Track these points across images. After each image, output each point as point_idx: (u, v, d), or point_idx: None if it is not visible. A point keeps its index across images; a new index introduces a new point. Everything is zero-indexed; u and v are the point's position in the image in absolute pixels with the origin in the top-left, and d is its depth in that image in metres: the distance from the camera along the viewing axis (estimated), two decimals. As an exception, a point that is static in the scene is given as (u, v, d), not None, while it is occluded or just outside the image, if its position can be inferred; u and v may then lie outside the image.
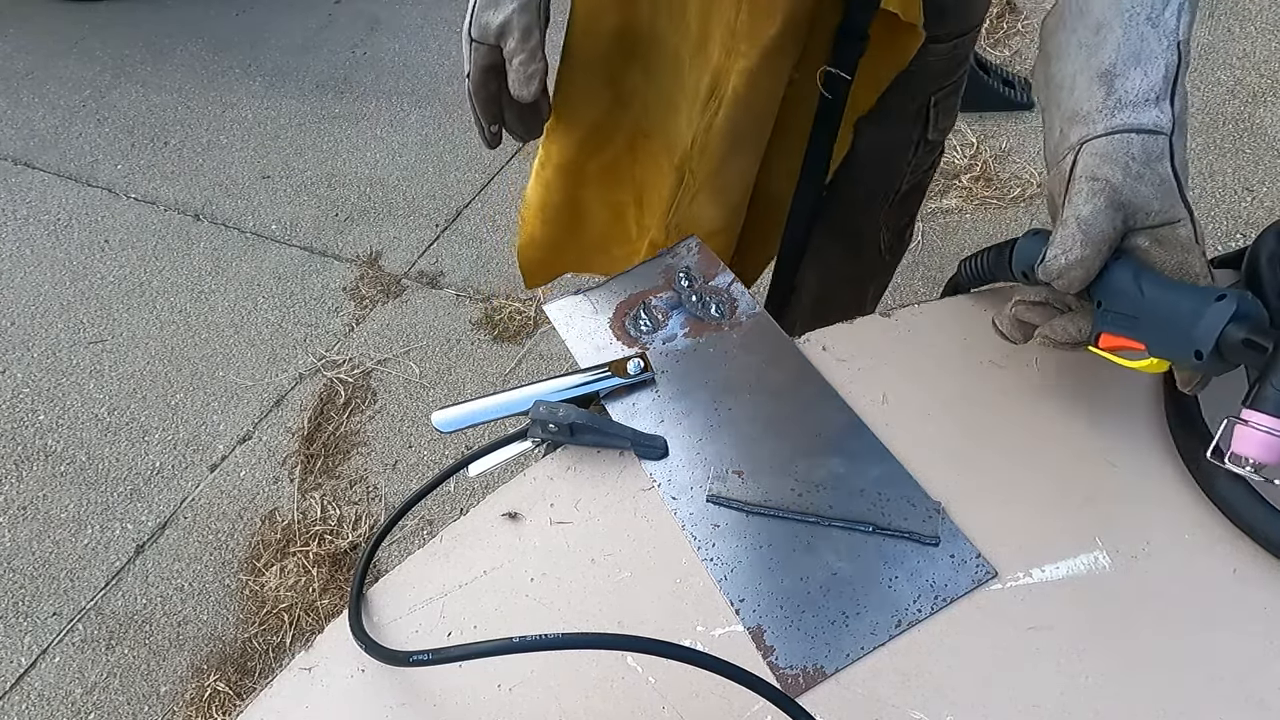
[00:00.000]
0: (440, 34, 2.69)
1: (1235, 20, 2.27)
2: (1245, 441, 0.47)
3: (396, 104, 2.49)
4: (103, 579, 1.65)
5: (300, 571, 1.61)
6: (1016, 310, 0.58)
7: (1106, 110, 0.49)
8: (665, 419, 0.64)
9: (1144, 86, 0.48)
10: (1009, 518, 0.57)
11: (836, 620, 0.53)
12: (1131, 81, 0.48)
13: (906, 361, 0.65)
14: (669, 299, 0.73)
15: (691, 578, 0.56)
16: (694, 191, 0.87)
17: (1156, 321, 0.50)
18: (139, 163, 2.44)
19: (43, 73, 2.76)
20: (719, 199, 0.88)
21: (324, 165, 2.37)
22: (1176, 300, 0.49)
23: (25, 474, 1.80)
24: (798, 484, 0.59)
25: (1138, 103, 0.48)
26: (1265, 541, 0.53)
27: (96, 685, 1.53)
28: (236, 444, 1.81)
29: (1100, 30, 0.50)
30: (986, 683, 0.50)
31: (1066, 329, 0.55)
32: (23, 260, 2.22)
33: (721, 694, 0.50)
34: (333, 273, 2.11)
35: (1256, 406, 0.47)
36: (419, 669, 0.53)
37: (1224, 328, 0.47)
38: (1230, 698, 0.49)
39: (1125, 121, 0.48)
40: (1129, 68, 0.48)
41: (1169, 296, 0.50)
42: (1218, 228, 1.89)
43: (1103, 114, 0.49)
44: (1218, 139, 2.03)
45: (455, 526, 0.60)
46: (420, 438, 1.79)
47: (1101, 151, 0.49)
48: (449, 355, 1.91)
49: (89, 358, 1.99)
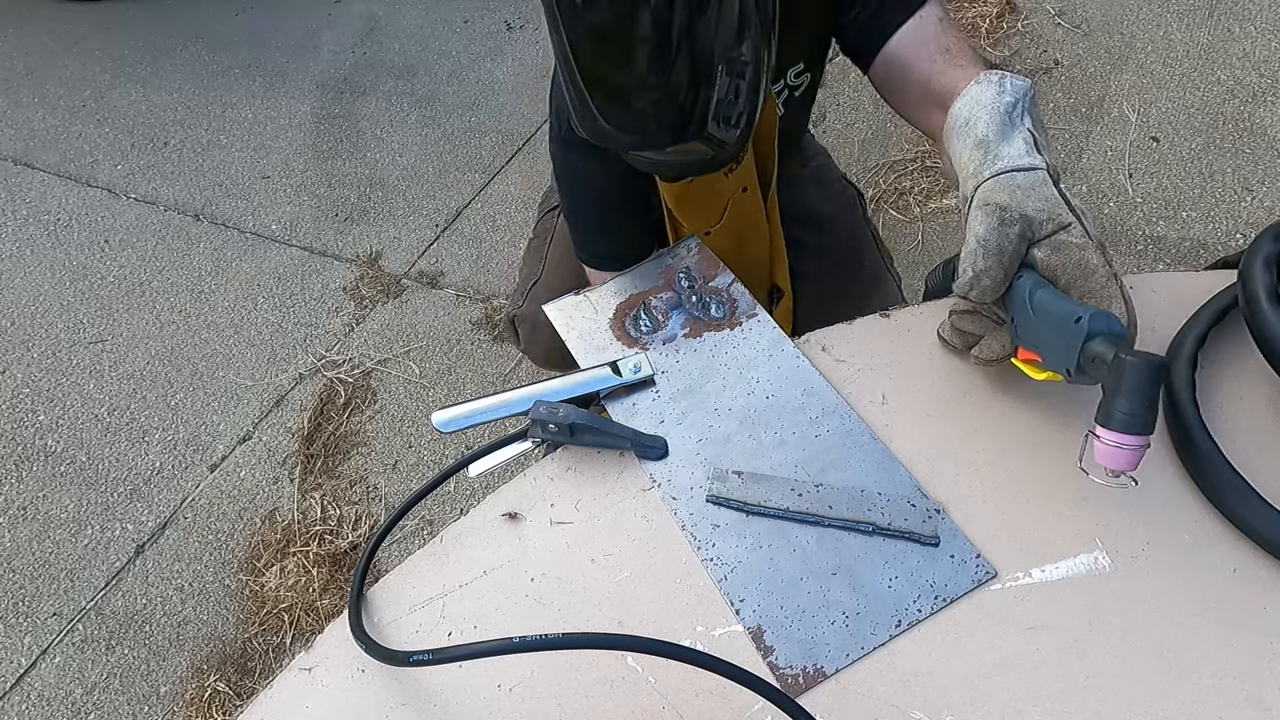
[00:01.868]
0: (440, 34, 2.69)
1: (1235, 20, 2.27)
2: (1101, 455, 0.50)
3: (396, 104, 2.49)
4: (103, 579, 1.64)
5: (300, 571, 1.61)
6: (953, 320, 0.64)
7: (989, 163, 0.58)
8: (665, 419, 0.64)
9: (1015, 149, 0.58)
10: (1009, 518, 0.57)
11: (836, 620, 0.53)
12: (1005, 147, 0.58)
13: (906, 361, 0.65)
14: (669, 299, 0.73)
15: (691, 578, 0.56)
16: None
17: (1044, 337, 0.55)
18: (139, 163, 2.44)
19: (43, 73, 2.76)
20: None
21: (324, 165, 2.37)
22: (1054, 317, 0.54)
23: (25, 474, 1.80)
24: (798, 484, 0.59)
25: (1013, 156, 0.58)
26: (1265, 541, 0.53)
27: (96, 685, 1.52)
28: (236, 444, 1.81)
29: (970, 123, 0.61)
30: (986, 683, 0.50)
31: (992, 347, 0.61)
32: (23, 260, 2.22)
33: (721, 694, 0.50)
34: (333, 273, 2.11)
35: (1101, 423, 0.50)
36: (419, 669, 0.53)
37: (1081, 347, 0.51)
38: (1230, 698, 0.49)
39: (1005, 166, 0.58)
40: (999, 140, 0.59)
41: (1050, 313, 0.54)
42: (1218, 228, 1.89)
43: (987, 165, 0.58)
44: (1218, 139, 2.03)
45: (455, 526, 0.60)
46: (420, 438, 1.79)
47: (990, 187, 0.57)
48: (449, 355, 1.91)
49: (89, 358, 1.99)
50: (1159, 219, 1.92)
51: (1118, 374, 0.49)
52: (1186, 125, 2.07)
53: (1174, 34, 2.26)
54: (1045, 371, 0.56)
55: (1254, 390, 0.61)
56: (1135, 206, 1.94)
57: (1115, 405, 0.49)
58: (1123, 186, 1.98)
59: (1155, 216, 1.92)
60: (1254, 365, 0.60)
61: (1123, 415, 0.49)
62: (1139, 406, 0.48)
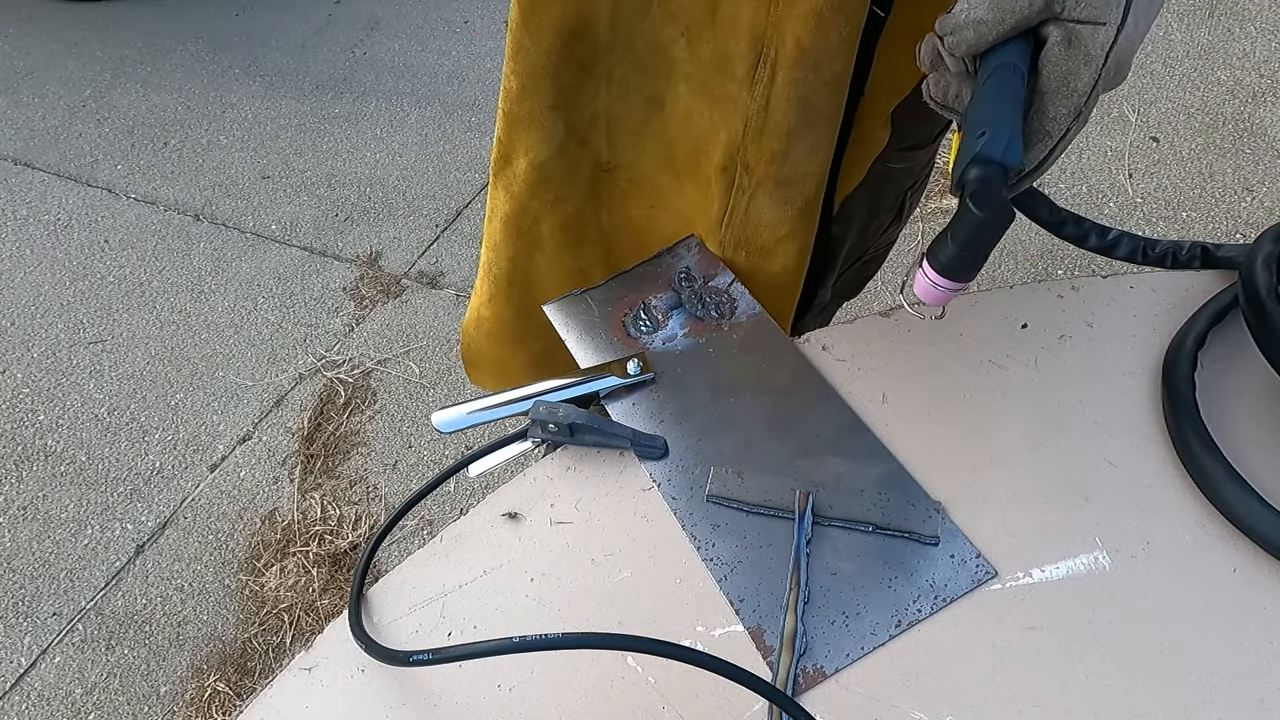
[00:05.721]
0: (440, 34, 2.69)
1: (1235, 20, 2.27)
2: (918, 286, 0.48)
3: (396, 104, 2.49)
4: (103, 579, 1.65)
5: (300, 571, 1.61)
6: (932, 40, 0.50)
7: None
8: (665, 419, 0.64)
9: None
10: (1009, 518, 0.57)
11: (836, 620, 0.53)
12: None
13: (906, 361, 0.65)
14: (669, 299, 0.73)
15: (691, 578, 0.56)
16: (749, 192, 0.70)
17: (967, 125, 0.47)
18: (139, 163, 2.44)
19: (43, 73, 2.76)
20: (783, 194, 0.70)
21: (324, 165, 2.37)
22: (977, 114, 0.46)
23: (25, 474, 1.80)
24: (798, 484, 0.59)
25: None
26: (1265, 541, 0.53)
27: (96, 685, 1.52)
28: (236, 444, 1.81)
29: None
30: (986, 683, 0.50)
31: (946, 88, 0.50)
32: (23, 260, 2.22)
33: (721, 694, 0.50)
34: (333, 273, 2.11)
35: (928, 255, 0.47)
36: (419, 669, 0.53)
37: (965, 165, 0.45)
38: (1230, 698, 0.49)
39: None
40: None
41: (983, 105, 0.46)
42: (1218, 228, 1.89)
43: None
44: (1218, 139, 2.03)
45: (455, 526, 0.60)
46: (420, 438, 1.79)
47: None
48: (449, 355, 1.91)
49: (89, 358, 1.99)
50: (1159, 219, 1.92)
51: (962, 216, 0.45)
52: (1186, 125, 2.07)
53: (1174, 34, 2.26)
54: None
55: (1254, 390, 0.61)
56: (1135, 206, 1.94)
57: (944, 245, 0.46)
58: (1123, 186, 1.98)
59: (1155, 216, 1.92)
60: (1254, 365, 0.60)
61: (946, 258, 0.46)
62: (964, 256, 0.46)
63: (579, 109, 0.70)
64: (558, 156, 0.71)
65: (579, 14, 0.63)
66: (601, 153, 0.73)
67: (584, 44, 0.65)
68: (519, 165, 0.72)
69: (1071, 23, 0.44)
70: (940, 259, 0.47)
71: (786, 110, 0.64)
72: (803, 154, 0.67)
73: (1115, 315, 0.66)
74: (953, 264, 0.46)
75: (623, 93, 0.70)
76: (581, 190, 0.75)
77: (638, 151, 0.73)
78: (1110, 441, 0.59)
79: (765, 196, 0.70)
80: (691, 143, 0.71)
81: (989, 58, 0.47)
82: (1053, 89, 0.46)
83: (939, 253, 0.47)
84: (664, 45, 0.66)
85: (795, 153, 0.67)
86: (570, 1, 0.62)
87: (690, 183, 0.74)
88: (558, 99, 0.68)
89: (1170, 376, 0.60)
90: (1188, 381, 0.59)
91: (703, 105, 0.68)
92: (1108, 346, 0.64)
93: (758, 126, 0.66)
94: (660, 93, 0.70)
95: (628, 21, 0.65)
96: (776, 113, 0.64)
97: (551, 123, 0.69)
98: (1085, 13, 0.43)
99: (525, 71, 0.66)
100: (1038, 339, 0.65)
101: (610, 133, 0.72)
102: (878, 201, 0.86)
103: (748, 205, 0.71)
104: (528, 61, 0.66)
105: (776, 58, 0.61)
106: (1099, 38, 0.44)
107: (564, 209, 0.75)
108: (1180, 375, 0.59)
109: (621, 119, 0.71)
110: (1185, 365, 0.60)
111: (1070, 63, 0.45)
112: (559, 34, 0.64)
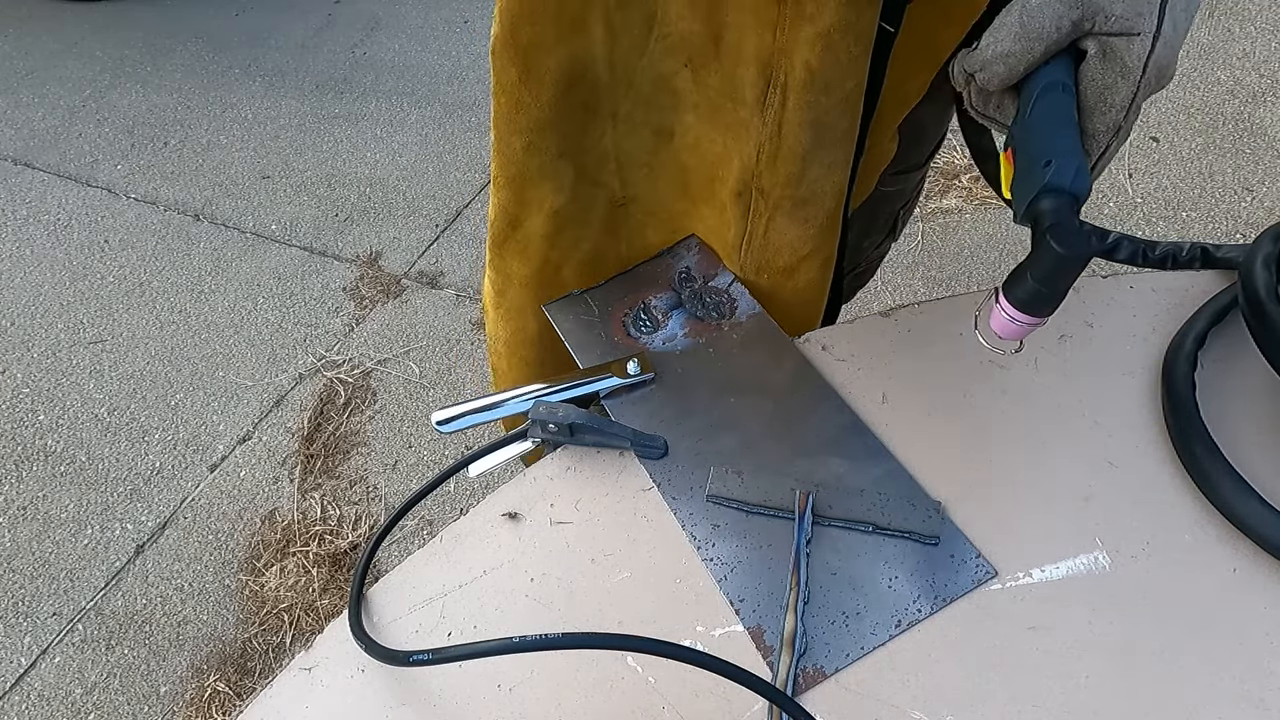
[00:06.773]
0: (440, 34, 2.69)
1: (1235, 20, 2.27)
2: (995, 319, 0.47)
3: (396, 104, 2.49)
4: (103, 579, 1.65)
5: (300, 571, 1.61)
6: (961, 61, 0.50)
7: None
8: (665, 419, 0.64)
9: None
10: (1009, 518, 0.57)
11: (836, 620, 0.53)
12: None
13: (906, 361, 0.65)
14: (669, 299, 0.73)
15: (691, 578, 0.56)
16: (766, 215, 0.69)
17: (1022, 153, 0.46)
18: (139, 163, 2.44)
19: (43, 73, 2.76)
20: (802, 214, 0.68)
21: (324, 165, 2.37)
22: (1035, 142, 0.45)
23: (25, 474, 1.80)
24: (798, 484, 0.59)
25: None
26: (1265, 542, 0.53)
27: (96, 685, 1.52)
28: (236, 444, 1.81)
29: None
30: (986, 683, 0.50)
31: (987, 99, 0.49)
32: (23, 260, 2.22)
33: (721, 694, 0.50)
34: (333, 273, 2.11)
35: (1005, 290, 0.46)
36: (419, 669, 0.53)
37: (1033, 197, 0.44)
38: (1230, 698, 0.49)
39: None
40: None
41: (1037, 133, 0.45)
42: (1217, 228, 1.89)
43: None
44: (1218, 139, 2.03)
45: (455, 526, 0.60)
46: (420, 438, 1.79)
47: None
48: (449, 355, 1.91)
49: (89, 358, 1.99)
50: (1159, 219, 1.92)
51: (1038, 250, 0.44)
52: (1186, 125, 2.07)
53: (1174, 34, 2.26)
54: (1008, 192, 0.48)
55: (1254, 390, 0.61)
56: (1135, 206, 1.94)
57: (1023, 279, 0.45)
58: (1123, 186, 1.98)
59: (1155, 217, 1.92)
60: (1254, 365, 0.60)
61: (1025, 294, 0.45)
62: (1044, 292, 0.45)
63: (586, 150, 0.69)
64: (571, 202, 0.71)
65: (575, 58, 0.63)
66: (614, 189, 0.73)
67: (585, 86, 0.65)
68: (533, 223, 0.72)
69: (1105, 36, 0.43)
70: (1019, 295, 0.46)
71: (799, 134, 0.63)
72: (819, 173, 0.66)
73: (1115, 315, 0.66)
74: (1033, 301, 0.45)
75: (630, 128, 0.69)
76: (597, 228, 0.75)
77: (651, 182, 0.73)
78: (1110, 441, 0.59)
79: (784, 218, 0.69)
80: (705, 169, 0.71)
81: (1034, 77, 0.46)
82: (1090, 105, 0.45)
83: (1017, 289, 0.46)
84: (666, 77, 0.66)
85: (811, 174, 0.66)
86: (564, 49, 0.62)
87: (706, 207, 0.74)
88: (563, 146, 0.67)
89: (1170, 376, 0.60)
90: (1187, 382, 0.59)
91: (714, 132, 0.68)
92: (1108, 346, 0.64)
93: (771, 151, 0.65)
94: (668, 124, 0.69)
95: (625, 59, 0.64)
96: (790, 136, 0.63)
97: (561, 171, 0.69)
98: (1117, 25, 0.43)
99: (530, 127, 0.65)
100: (1038, 339, 0.65)
101: (621, 169, 0.72)
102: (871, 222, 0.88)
103: (766, 228, 0.70)
104: (529, 117, 0.65)
105: (786, 82, 0.61)
106: (1135, 49, 0.43)
107: (583, 248, 0.75)
108: (1180, 375, 0.59)
109: (630, 153, 0.71)
110: (1185, 365, 0.60)
111: (1107, 77, 0.44)
112: (558, 83, 0.63)
